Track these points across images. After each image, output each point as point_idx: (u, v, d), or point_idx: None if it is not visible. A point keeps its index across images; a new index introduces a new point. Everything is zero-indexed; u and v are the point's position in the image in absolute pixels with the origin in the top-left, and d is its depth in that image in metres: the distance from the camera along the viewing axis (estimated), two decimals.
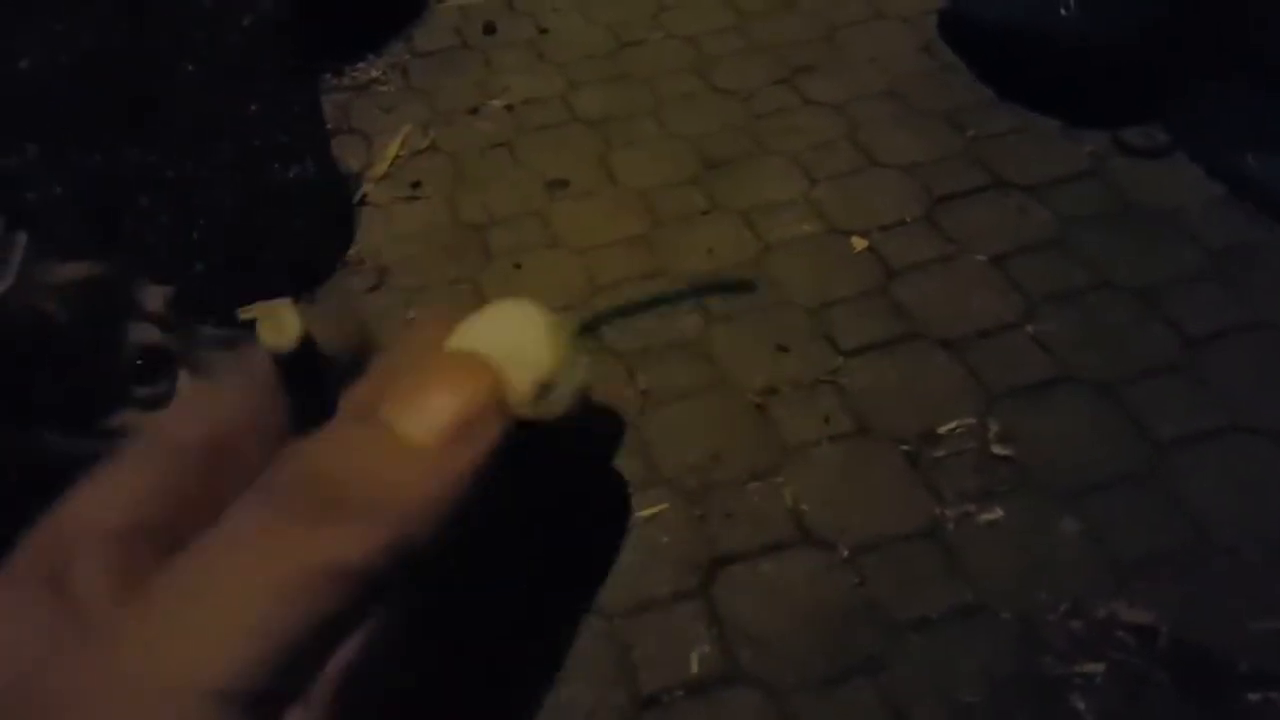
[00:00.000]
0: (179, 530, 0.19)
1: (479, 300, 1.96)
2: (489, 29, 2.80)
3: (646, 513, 1.61)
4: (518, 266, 2.07)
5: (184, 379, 0.88)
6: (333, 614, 0.17)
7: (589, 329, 0.23)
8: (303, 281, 2.08)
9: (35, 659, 0.17)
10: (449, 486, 0.19)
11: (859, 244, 2.03)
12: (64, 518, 0.19)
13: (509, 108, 2.52)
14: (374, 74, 2.71)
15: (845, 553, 1.54)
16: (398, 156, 2.41)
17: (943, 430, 1.68)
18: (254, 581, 0.17)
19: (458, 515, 0.19)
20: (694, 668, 1.43)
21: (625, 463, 1.69)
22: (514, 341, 0.21)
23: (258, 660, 0.16)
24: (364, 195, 2.31)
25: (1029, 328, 1.83)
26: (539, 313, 0.22)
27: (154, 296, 0.85)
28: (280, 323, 0.20)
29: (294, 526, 0.18)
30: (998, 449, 1.65)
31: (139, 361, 0.83)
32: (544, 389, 0.21)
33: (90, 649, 0.17)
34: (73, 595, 0.18)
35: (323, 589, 0.17)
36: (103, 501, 0.20)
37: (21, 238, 0.94)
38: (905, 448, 1.67)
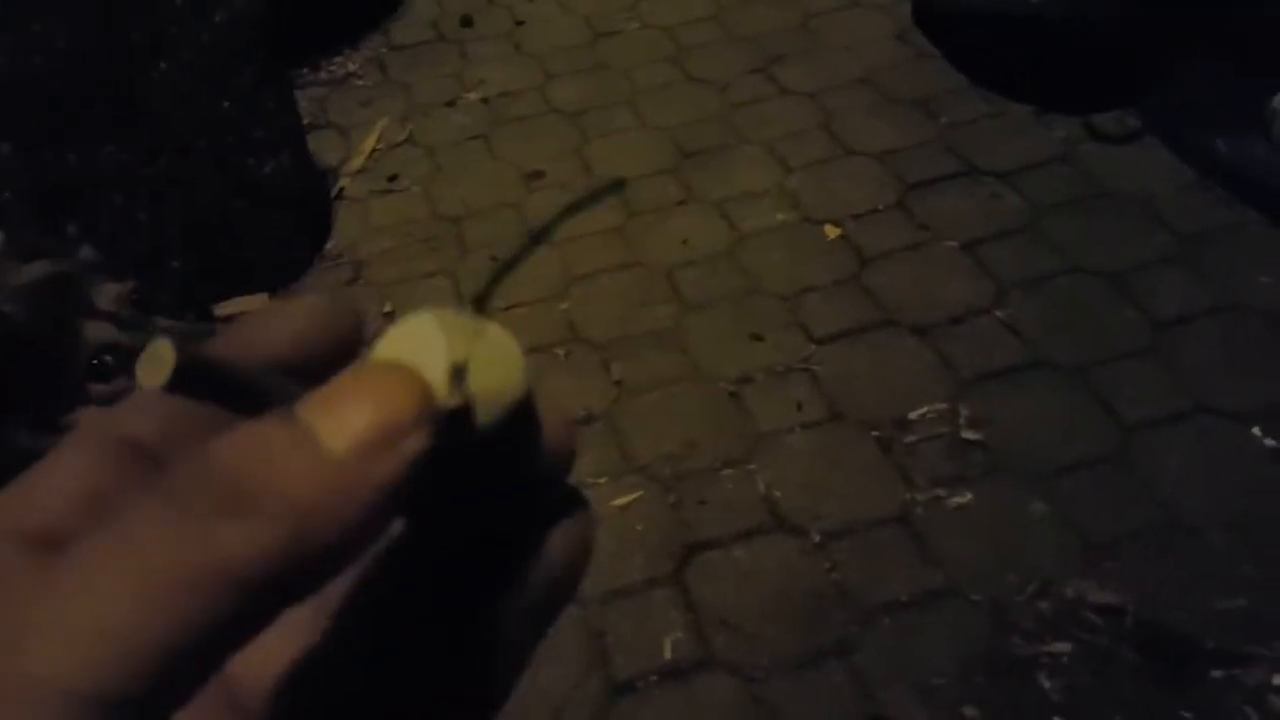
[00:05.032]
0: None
1: (456, 293, 1.97)
2: (466, 22, 2.81)
3: (621, 501, 1.62)
4: (494, 258, 2.08)
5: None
6: (220, 617, 0.16)
7: (481, 300, 0.22)
8: (280, 276, 2.09)
9: None
10: (360, 497, 0.18)
11: (832, 232, 2.04)
12: None
13: (485, 100, 2.53)
14: (351, 68, 2.71)
15: (817, 538, 1.56)
16: (374, 150, 2.42)
17: (914, 416, 1.70)
18: (134, 579, 0.16)
19: (373, 527, 0.18)
20: (668, 653, 1.45)
21: (600, 452, 1.71)
22: (416, 337, 0.21)
23: (128, 663, 0.16)
24: (341, 189, 2.32)
25: (999, 313, 1.85)
26: (436, 310, 0.21)
27: (108, 294, 0.86)
28: (158, 358, 0.18)
29: (187, 521, 0.17)
30: (968, 434, 1.67)
31: (94, 360, 0.84)
32: (457, 372, 0.20)
33: None
34: None
35: (209, 590, 0.16)
36: (24, 503, 0.19)
37: None
38: (877, 434, 1.68)
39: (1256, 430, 1.62)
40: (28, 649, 0.16)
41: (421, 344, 0.20)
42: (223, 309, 1.97)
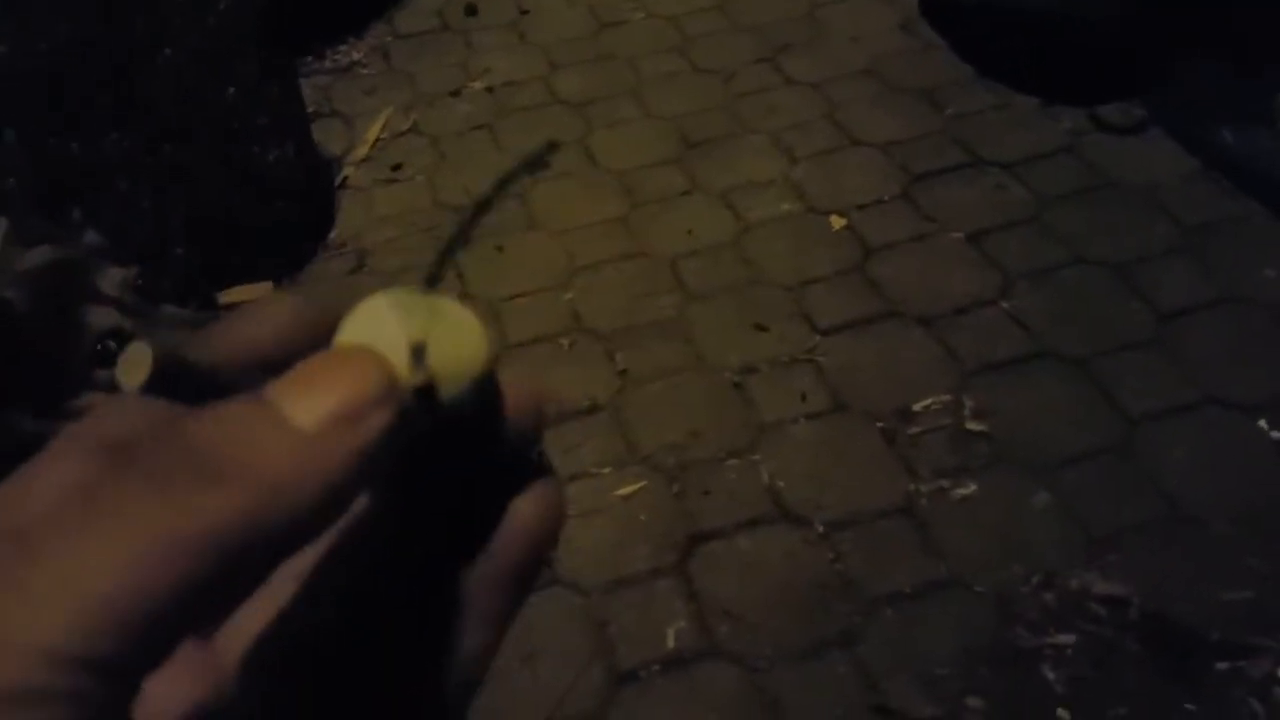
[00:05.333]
0: None
1: (459, 282, 1.97)
2: (470, 11, 2.80)
3: (625, 490, 1.62)
4: (499, 249, 2.08)
5: None
6: (196, 581, 0.17)
7: (434, 279, 0.23)
8: (283, 265, 2.09)
9: None
10: (325, 470, 0.19)
11: (837, 223, 2.04)
12: None
13: (490, 90, 2.52)
14: (355, 56, 2.71)
15: (821, 528, 1.55)
16: (378, 139, 2.42)
17: (918, 407, 1.70)
18: (114, 546, 0.17)
19: (342, 498, 0.19)
20: (671, 643, 1.45)
21: (604, 442, 1.71)
22: (375, 321, 0.21)
23: (103, 624, 0.16)
24: (345, 178, 2.31)
25: (1005, 304, 1.84)
26: (393, 292, 0.22)
27: (112, 279, 0.86)
28: (137, 359, 0.19)
29: (165, 492, 0.18)
30: (972, 425, 1.66)
31: (98, 346, 0.84)
32: (417, 351, 0.21)
33: None
34: None
35: (186, 554, 0.17)
36: (11, 504, 0.19)
37: (3, 224, 0.95)
38: (881, 424, 1.68)
39: (1262, 422, 1.61)
40: (7, 613, 0.16)
41: (380, 327, 0.21)
42: (226, 297, 1.97)
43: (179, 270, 1.93)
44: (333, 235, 2.18)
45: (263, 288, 2.02)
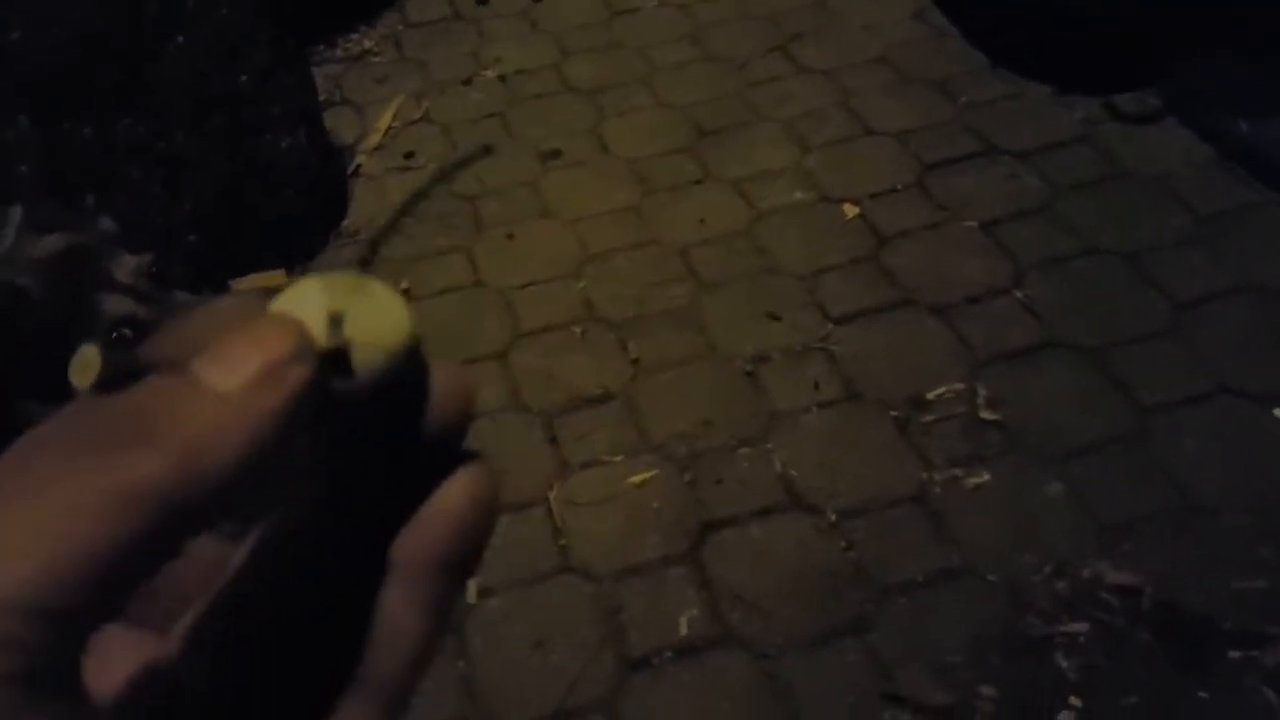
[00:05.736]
0: None
1: (471, 270, 1.97)
2: None
3: (637, 479, 1.62)
4: (510, 236, 2.08)
5: None
6: (132, 536, 0.18)
7: (365, 262, 0.24)
8: (296, 253, 2.09)
9: None
10: (248, 426, 0.20)
11: (850, 211, 2.04)
12: None
13: (501, 78, 2.52)
14: (367, 45, 2.71)
15: (833, 517, 1.56)
16: (390, 127, 2.42)
17: (931, 396, 1.69)
18: (51, 500, 0.18)
19: (265, 456, 0.20)
20: (683, 630, 1.45)
21: (616, 430, 1.71)
22: (301, 296, 0.23)
23: (50, 574, 0.17)
24: (357, 166, 2.31)
25: (1018, 293, 1.84)
26: (325, 274, 0.23)
27: (126, 267, 0.86)
28: (86, 362, 0.20)
29: (92, 452, 0.19)
30: (986, 414, 1.66)
31: (112, 333, 0.84)
32: (335, 320, 0.22)
33: None
34: None
35: (119, 510, 0.18)
36: None
37: (17, 212, 0.95)
38: (894, 413, 1.68)
39: (1276, 412, 1.61)
40: None
41: (304, 300, 0.23)
42: (239, 285, 1.98)
43: (191, 257, 1.93)
44: (345, 223, 2.18)
45: (276, 276, 2.02)
